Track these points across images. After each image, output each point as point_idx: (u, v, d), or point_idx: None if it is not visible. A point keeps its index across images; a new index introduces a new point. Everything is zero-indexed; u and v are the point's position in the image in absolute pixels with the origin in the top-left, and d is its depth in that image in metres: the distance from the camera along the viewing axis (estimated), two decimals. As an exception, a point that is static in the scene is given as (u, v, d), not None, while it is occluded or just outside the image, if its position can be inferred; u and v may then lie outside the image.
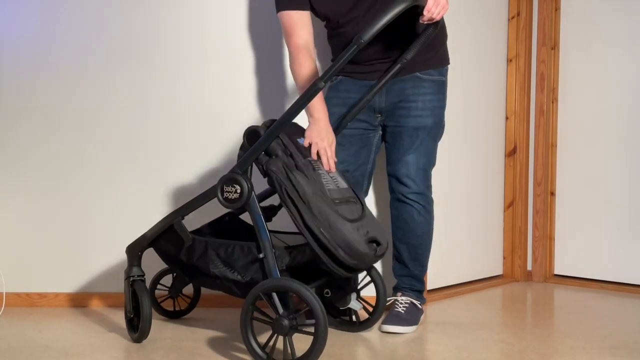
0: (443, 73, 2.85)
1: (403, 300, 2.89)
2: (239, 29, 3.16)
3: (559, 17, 3.79)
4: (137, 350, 2.58)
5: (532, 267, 3.86)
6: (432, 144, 2.84)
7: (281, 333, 2.31)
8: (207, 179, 3.13)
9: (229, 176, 2.46)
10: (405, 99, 2.79)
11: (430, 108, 2.80)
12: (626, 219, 3.62)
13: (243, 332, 2.35)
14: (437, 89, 2.82)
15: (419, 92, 2.79)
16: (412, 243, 2.88)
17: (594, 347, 2.64)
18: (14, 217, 3.20)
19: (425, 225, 2.87)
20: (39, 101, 3.18)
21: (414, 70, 2.77)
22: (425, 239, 2.89)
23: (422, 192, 2.83)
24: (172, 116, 3.18)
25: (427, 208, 2.85)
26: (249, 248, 2.45)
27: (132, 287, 2.64)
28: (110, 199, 3.19)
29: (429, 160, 2.85)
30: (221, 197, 2.46)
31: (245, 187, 2.43)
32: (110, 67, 3.17)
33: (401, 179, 2.82)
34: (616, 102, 3.65)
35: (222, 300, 3.14)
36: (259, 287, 2.34)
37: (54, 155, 3.18)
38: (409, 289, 2.92)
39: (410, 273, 2.91)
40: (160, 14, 3.16)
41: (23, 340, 2.70)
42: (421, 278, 2.94)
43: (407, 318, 2.84)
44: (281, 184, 2.41)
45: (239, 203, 2.45)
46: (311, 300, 2.27)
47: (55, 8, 3.17)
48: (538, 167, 3.83)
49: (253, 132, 2.48)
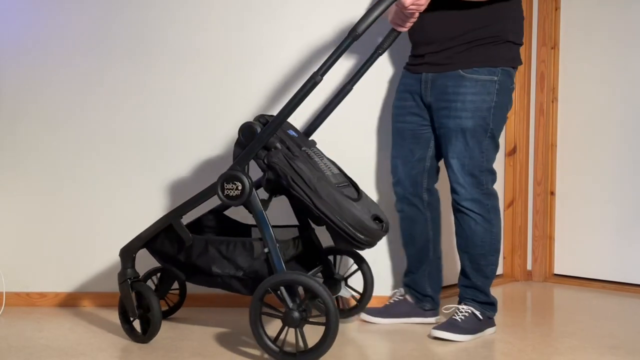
0: (495, 73, 2.68)
1: (463, 309, 2.78)
2: (237, 27, 3.16)
3: (559, 17, 3.79)
4: (137, 349, 2.58)
5: (532, 267, 3.86)
6: (477, 147, 2.69)
7: (292, 325, 2.35)
8: (207, 179, 3.13)
9: (230, 173, 2.46)
10: (445, 97, 2.71)
11: (471, 109, 2.67)
12: (626, 218, 3.62)
13: (253, 328, 2.37)
14: (481, 89, 2.67)
15: (459, 92, 2.68)
16: (472, 253, 2.77)
17: (593, 347, 2.64)
18: (14, 216, 3.19)
19: (485, 235, 2.75)
20: (38, 101, 3.18)
21: (457, 67, 2.69)
22: (486, 249, 2.76)
23: (475, 198, 2.72)
24: (172, 116, 3.18)
25: (485, 217, 2.73)
26: (250, 244, 2.47)
27: (134, 288, 2.63)
28: (110, 199, 3.19)
29: (477, 166, 2.71)
30: (222, 194, 2.47)
31: (246, 183, 2.45)
32: (110, 67, 3.17)
33: (452, 184, 2.75)
34: (616, 101, 3.65)
35: (221, 299, 3.14)
36: (267, 282, 2.37)
37: (54, 155, 3.18)
38: (472, 299, 2.80)
39: (472, 284, 2.80)
40: (160, 13, 3.16)
41: (23, 339, 2.70)
42: (485, 290, 2.80)
43: (463, 326, 2.73)
44: (286, 173, 2.44)
45: (241, 200, 2.46)
46: (321, 292, 2.32)
47: (55, 8, 3.17)
48: (538, 167, 3.83)
49: (249, 128, 2.48)
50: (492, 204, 2.77)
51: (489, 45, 2.68)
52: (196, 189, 3.08)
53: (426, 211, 2.91)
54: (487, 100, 2.68)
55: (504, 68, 2.70)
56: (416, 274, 2.94)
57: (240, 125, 2.50)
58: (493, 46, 2.68)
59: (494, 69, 2.68)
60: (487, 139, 2.71)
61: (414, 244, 2.92)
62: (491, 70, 2.68)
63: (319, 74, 2.38)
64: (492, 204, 2.77)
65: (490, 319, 2.82)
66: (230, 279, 2.51)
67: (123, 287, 2.63)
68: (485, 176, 2.74)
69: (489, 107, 2.68)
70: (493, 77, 2.68)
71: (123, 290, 2.63)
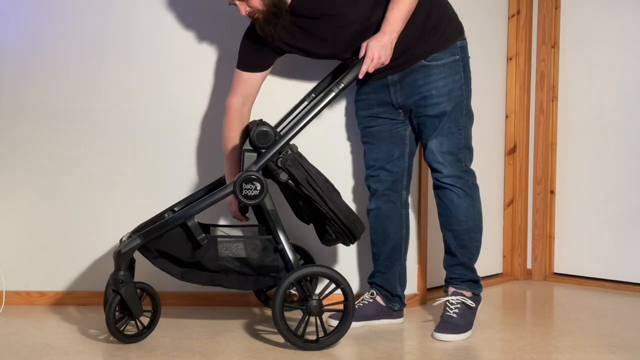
0: (454, 52, 2.75)
1: (454, 300, 2.78)
2: (235, 27, 3.16)
3: (559, 16, 3.79)
4: (137, 348, 2.58)
5: (531, 266, 3.86)
6: (454, 126, 2.75)
7: (313, 314, 2.57)
8: (207, 179, 3.13)
9: (249, 175, 2.57)
10: (418, 90, 2.74)
11: (445, 93, 2.73)
12: (626, 217, 3.62)
13: (279, 319, 2.52)
14: (450, 71, 2.74)
15: (430, 81, 2.73)
16: (457, 229, 2.79)
17: (593, 345, 2.64)
18: (14, 215, 3.20)
19: (469, 210, 2.78)
20: (37, 100, 3.18)
21: (419, 58, 2.72)
22: (470, 224, 2.79)
23: (456, 175, 2.76)
24: (170, 116, 3.18)
25: (467, 192, 2.77)
26: (261, 241, 2.62)
27: (138, 289, 2.64)
28: (110, 198, 3.19)
29: (455, 144, 2.75)
30: (240, 194, 2.57)
31: (264, 184, 2.58)
32: (110, 67, 3.17)
33: (431, 165, 2.78)
34: (616, 100, 3.64)
35: (221, 299, 3.14)
36: (293, 276, 2.55)
37: (54, 155, 3.18)
38: (459, 279, 2.82)
39: (458, 262, 2.81)
40: (159, 12, 3.16)
41: (23, 338, 2.71)
42: (472, 267, 2.83)
43: (460, 324, 2.73)
44: (300, 175, 2.60)
45: (258, 199, 2.58)
46: (341, 280, 2.58)
47: (55, 7, 3.16)
48: (538, 166, 3.83)
49: (265, 134, 2.62)
50: (473, 180, 2.82)
51: (438, 28, 2.73)
52: (197, 189, 3.11)
53: (402, 209, 2.93)
54: (457, 80, 2.76)
55: (460, 43, 2.77)
56: (387, 273, 2.93)
57: (254, 131, 2.61)
58: (441, 27, 2.74)
59: (453, 48, 2.75)
60: (464, 116, 2.78)
61: (388, 242, 2.92)
62: (451, 51, 2.75)
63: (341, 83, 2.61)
64: (473, 180, 2.82)
65: (477, 296, 2.85)
66: (238, 276, 2.63)
67: (128, 289, 2.60)
68: (464, 154, 2.79)
69: (460, 86, 2.77)
70: (455, 57, 2.76)
71: (128, 293, 2.60)
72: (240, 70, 2.83)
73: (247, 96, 2.85)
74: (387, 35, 2.61)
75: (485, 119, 3.71)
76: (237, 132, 2.84)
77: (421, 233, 3.23)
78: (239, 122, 2.84)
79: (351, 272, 3.15)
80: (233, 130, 2.84)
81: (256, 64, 2.81)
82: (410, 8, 2.62)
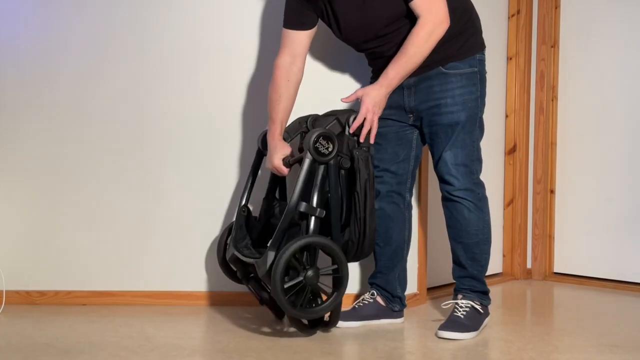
0: (473, 64, 2.75)
1: (463, 304, 2.78)
2: (239, 25, 3.16)
3: (558, 15, 3.79)
4: (137, 348, 2.58)
5: (531, 265, 3.86)
6: (468, 138, 2.75)
7: (311, 282, 2.54)
8: (207, 178, 3.13)
9: (326, 132, 2.60)
10: (433, 97, 2.73)
11: (461, 102, 2.72)
12: (626, 216, 3.62)
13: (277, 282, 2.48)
14: (467, 82, 2.73)
15: (447, 88, 2.71)
16: (467, 242, 2.79)
17: (593, 345, 2.64)
18: (14, 214, 3.20)
19: (479, 223, 2.78)
20: (38, 100, 3.18)
21: (438, 64, 2.71)
22: (480, 237, 2.79)
23: (467, 188, 2.75)
24: (173, 114, 3.17)
25: (477, 205, 2.77)
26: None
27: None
28: (110, 197, 3.19)
29: (468, 156, 2.75)
30: (312, 145, 2.57)
31: (337, 146, 2.59)
32: (110, 67, 3.17)
33: (443, 177, 2.77)
34: (616, 100, 3.65)
35: (221, 298, 3.14)
36: (298, 242, 2.51)
37: (54, 154, 3.18)
38: (469, 290, 2.82)
39: (468, 274, 2.81)
40: (160, 11, 3.16)
41: (23, 338, 2.70)
42: (481, 279, 2.84)
43: (466, 323, 2.73)
44: (364, 176, 2.63)
45: (327, 158, 2.59)
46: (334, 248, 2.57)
47: (55, 6, 3.17)
48: (538, 165, 3.83)
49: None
50: (482, 192, 2.82)
51: (461, 37, 2.72)
52: (198, 188, 3.11)
53: (405, 211, 2.93)
54: (474, 92, 2.75)
55: (480, 56, 2.77)
56: (388, 274, 2.93)
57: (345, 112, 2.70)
58: (465, 36, 2.73)
59: (472, 60, 2.75)
60: (477, 128, 2.79)
61: (391, 243, 2.92)
62: (470, 62, 2.74)
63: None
64: (482, 192, 2.82)
65: (486, 307, 2.84)
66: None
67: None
68: (476, 165, 2.80)
69: (475, 98, 2.76)
70: (474, 69, 2.75)
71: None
72: (286, 29, 2.79)
73: (295, 55, 2.78)
74: (384, 89, 2.65)
75: (485, 118, 3.70)
76: (284, 92, 2.77)
77: (421, 233, 3.23)
78: (285, 81, 2.77)
79: (352, 271, 3.13)
80: (278, 91, 2.77)
81: (300, 21, 2.76)
82: (413, 68, 2.64)
